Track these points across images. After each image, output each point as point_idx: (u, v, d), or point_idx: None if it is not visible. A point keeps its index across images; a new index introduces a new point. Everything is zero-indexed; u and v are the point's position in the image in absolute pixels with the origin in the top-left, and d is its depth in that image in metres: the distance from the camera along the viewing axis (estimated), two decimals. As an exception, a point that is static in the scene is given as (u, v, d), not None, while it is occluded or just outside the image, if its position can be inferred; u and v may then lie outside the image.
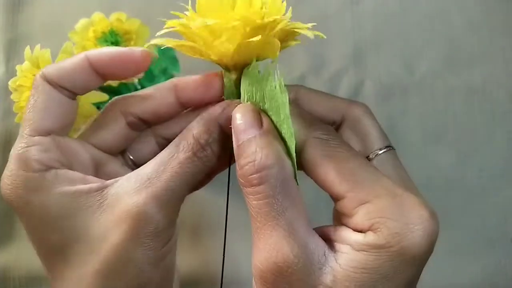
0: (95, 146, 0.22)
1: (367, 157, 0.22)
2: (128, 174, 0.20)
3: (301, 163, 0.19)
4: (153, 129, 0.23)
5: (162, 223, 0.19)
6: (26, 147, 0.19)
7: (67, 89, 0.20)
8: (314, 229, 0.19)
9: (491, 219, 0.40)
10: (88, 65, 0.20)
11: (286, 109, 0.18)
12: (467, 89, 0.43)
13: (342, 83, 0.43)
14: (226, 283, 0.40)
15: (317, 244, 0.18)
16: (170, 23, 0.20)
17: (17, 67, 0.29)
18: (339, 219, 0.19)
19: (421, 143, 0.42)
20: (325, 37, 0.19)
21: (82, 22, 0.32)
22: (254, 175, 0.18)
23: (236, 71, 0.20)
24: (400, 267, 0.17)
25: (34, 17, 0.46)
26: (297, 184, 0.19)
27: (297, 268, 0.17)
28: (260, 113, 0.19)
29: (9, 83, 0.29)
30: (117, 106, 0.22)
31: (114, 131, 0.22)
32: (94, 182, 0.20)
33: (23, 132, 0.20)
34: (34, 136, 0.19)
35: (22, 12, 0.46)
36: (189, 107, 0.22)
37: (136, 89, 0.40)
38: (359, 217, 0.18)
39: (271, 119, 0.19)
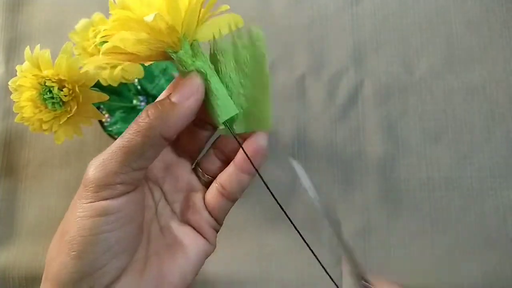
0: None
1: None
2: None
3: None
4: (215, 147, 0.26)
5: (101, 180, 0.20)
6: None
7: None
8: None
9: (491, 219, 0.40)
10: None
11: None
12: (467, 89, 0.43)
13: (342, 83, 0.43)
14: (227, 282, 0.41)
15: None
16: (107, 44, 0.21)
17: (17, 67, 0.29)
18: None
19: (421, 143, 0.42)
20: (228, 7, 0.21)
21: (82, 22, 0.32)
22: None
23: (177, 47, 0.22)
24: None
25: (34, 17, 0.46)
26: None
27: None
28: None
29: (9, 83, 0.29)
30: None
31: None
32: None
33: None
34: None
35: (22, 12, 0.46)
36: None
37: (137, 89, 0.40)
38: None
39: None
